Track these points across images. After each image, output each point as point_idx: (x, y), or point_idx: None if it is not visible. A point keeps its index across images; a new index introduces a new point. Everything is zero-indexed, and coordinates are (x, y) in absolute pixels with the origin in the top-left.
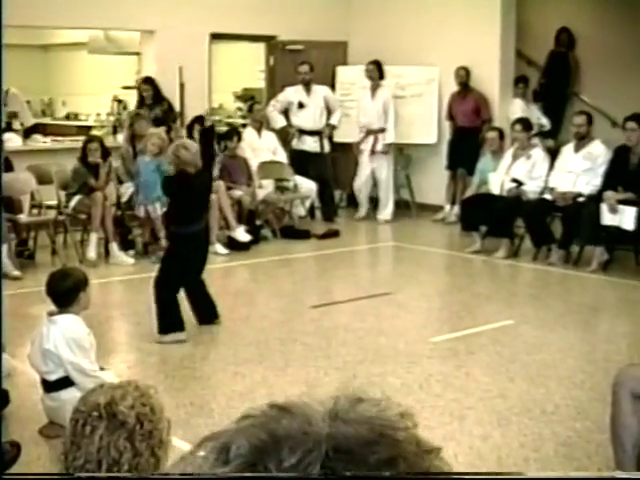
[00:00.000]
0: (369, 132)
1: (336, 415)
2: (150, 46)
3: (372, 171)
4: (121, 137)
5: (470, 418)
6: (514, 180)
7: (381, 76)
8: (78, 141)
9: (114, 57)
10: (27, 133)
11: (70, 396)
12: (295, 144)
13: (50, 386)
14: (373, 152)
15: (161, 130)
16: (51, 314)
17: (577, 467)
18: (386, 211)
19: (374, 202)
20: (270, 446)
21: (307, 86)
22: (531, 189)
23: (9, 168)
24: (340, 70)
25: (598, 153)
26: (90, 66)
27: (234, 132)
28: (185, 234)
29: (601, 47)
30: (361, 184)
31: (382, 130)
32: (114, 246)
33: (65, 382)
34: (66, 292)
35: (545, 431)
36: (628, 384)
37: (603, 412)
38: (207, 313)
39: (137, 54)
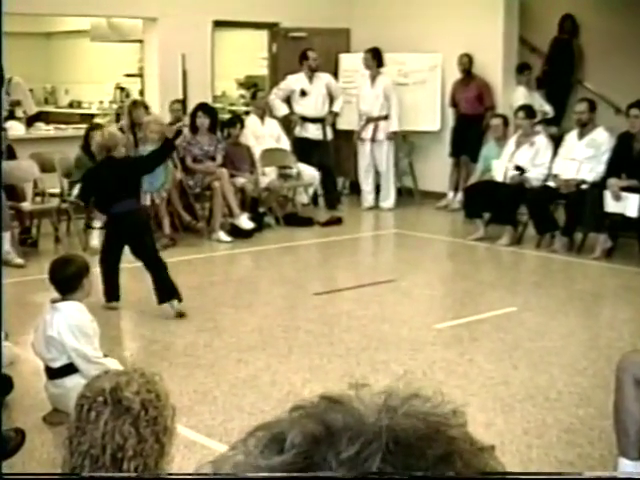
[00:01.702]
0: (369, 120)
1: (392, 408)
2: (153, 34)
3: (373, 159)
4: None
5: (473, 405)
6: (517, 167)
7: (380, 64)
8: (81, 129)
9: (117, 45)
10: (30, 121)
11: (74, 383)
12: (298, 132)
13: (54, 373)
14: (374, 140)
15: (157, 115)
16: (54, 301)
17: (580, 454)
18: (388, 199)
19: (376, 190)
20: (327, 437)
21: (310, 73)
22: (534, 176)
23: (12, 156)
24: (343, 57)
25: (602, 140)
26: (93, 54)
27: (237, 119)
28: (109, 214)
29: (605, 34)
30: (364, 174)
31: (382, 118)
32: None
33: (69, 369)
34: (69, 279)
35: (548, 418)
36: (631, 370)
37: (606, 398)
38: (164, 293)
39: (140, 42)
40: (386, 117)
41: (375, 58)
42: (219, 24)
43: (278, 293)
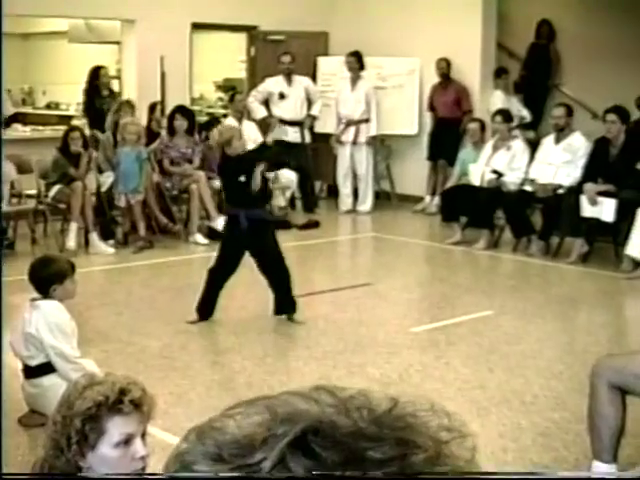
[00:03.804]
0: (349, 123)
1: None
2: (131, 35)
3: (352, 163)
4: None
5: (449, 408)
6: (494, 171)
7: (361, 67)
8: (59, 130)
9: (95, 46)
10: (7, 122)
11: (51, 382)
12: (276, 134)
13: (31, 372)
14: (354, 143)
15: (135, 118)
16: (34, 299)
17: (555, 457)
18: (366, 203)
19: (354, 193)
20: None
21: (288, 77)
22: (511, 180)
23: None
24: (321, 61)
25: (578, 145)
26: (71, 55)
27: (215, 122)
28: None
29: (581, 39)
30: (343, 177)
31: (364, 121)
32: (94, 236)
33: (46, 368)
34: (47, 279)
35: (524, 421)
36: (605, 374)
37: (581, 402)
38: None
39: (118, 43)
40: (367, 120)
41: (359, 61)
42: (198, 27)
43: (254, 296)
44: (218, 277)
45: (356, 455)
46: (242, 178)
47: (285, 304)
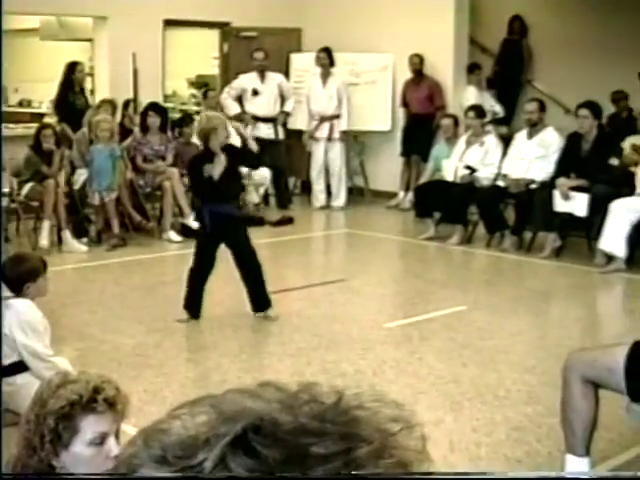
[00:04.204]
0: (323, 120)
1: (292, 404)
2: (103, 32)
3: (326, 159)
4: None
5: (423, 403)
6: (467, 167)
7: (331, 63)
8: (31, 128)
9: (67, 43)
10: None
11: (25, 381)
12: (250, 131)
13: (4, 370)
14: (329, 139)
15: (107, 115)
16: (6, 298)
17: (528, 451)
18: (339, 199)
19: (328, 189)
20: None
21: (261, 73)
22: (484, 176)
23: None
24: (294, 57)
25: (551, 140)
26: (42, 53)
27: (188, 118)
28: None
29: (553, 35)
30: (317, 174)
31: (336, 117)
32: (67, 234)
33: (20, 366)
34: (20, 277)
35: (497, 416)
36: (578, 368)
37: (554, 396)
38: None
39: (90, 40)
40: (339, 116)
41: (329, 57)
42: (170, 23)
43: (228, 293)
44: (199, 275)
45: (298, 451)
46: (214, 174)
47: (260, 301)
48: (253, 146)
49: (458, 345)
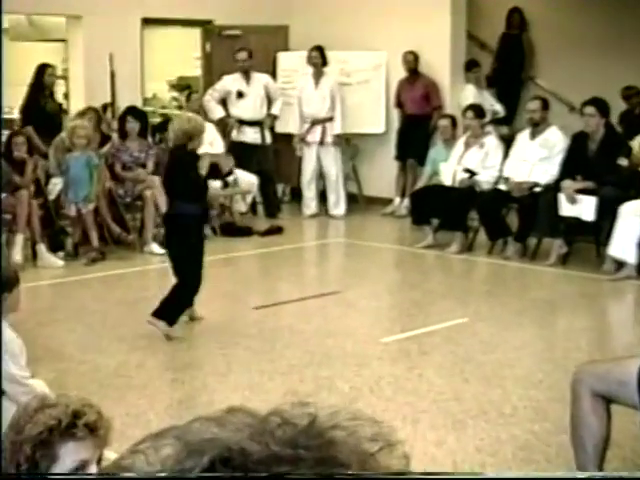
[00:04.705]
0: (315, 122)
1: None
2: (77, 32)
3: (319, 164)
4: None
5: (424, 422)
6: (467, 170)
7: (324, 62)
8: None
9: (39, 44)
10: None
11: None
12: (235, 135)
13: None
14: (322, 143)
15: (83, 121)
16: None
17: (536, 471)
18: (339, 206)
19: (322, 197)
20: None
21: (246, 74)
22: (485, 179)
23: None
24: (281, 56)
25: (555, 140)
26: (12, 54)
27: (169, 123)
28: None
29: (555, 28)
30: (308, 180)
31: (329, 120)
32: (42, 247)
33: None
34: None
35: (502, 434)
36: (588, 382)
37: (563, 412)
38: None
39: (64, 41)
40: (332, 119)
41: (322, 56)
42: (149, 22)
43: (215, 307)
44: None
45: None
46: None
47: (168, 310)
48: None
49: (459, 360)
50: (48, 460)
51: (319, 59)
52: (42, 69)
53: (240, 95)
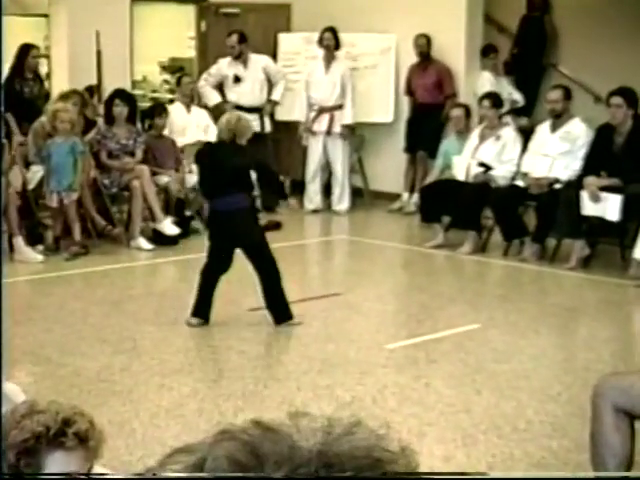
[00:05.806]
0: (322, 110)
1: (329, 434)
2: (61, 7)
3: (325, 156)
4: None
5: (430, 436)
6: (481, 164)
7: (337, 46)
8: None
9: (19, 19)
10: None
11: None
12: None
13: None
14: (329, 133)
15: (66, 104)
16: None
17: None
18: (343, 202)
19: (325, 190)
20: (251, 461)
21: (241, 57)
22: (501, 174)
23: None
24: (282, 37)
25: (578, 133)
26: None
27: (160, 108)
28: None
29: (581, 10)
30: (313, 172)
31: (338, 108)
32: (19, 240)
33: None
34: None
35: (516, 451)
36: (610, 395)
37: (582, 429)
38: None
39: (46, 16)
40: (341, 107)
41: (335, 38)
42: None
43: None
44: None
45: None
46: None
47: (277, 308)
48: None
49: (470, 369)
50: (33, 470)
51: (332, 41)
52: (25, 50)
53: (237, 79)
